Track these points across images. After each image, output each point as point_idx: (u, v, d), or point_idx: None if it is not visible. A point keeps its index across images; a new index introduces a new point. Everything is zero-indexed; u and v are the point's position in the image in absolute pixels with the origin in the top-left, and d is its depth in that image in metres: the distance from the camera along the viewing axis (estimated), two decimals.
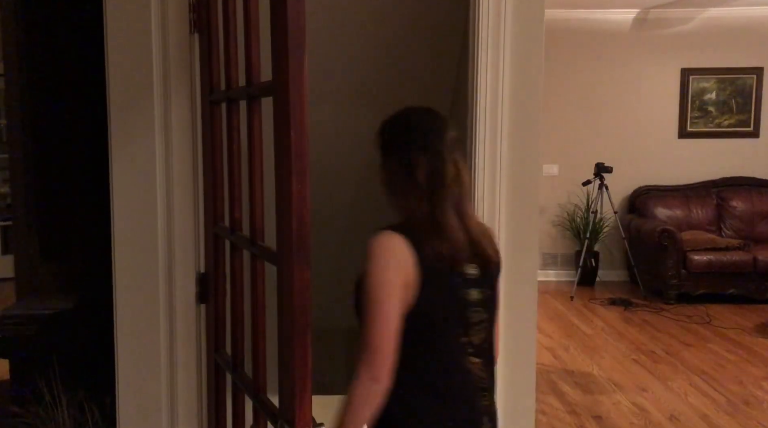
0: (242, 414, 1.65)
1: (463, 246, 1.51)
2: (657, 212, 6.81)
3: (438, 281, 1.48)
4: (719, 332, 5.41)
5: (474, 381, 1.54)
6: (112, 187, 1.82)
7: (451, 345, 1.52)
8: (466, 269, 1.53)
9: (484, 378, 1.55)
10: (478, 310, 1.54)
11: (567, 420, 3.77)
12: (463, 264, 1.52)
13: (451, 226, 1.50)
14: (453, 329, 1.52)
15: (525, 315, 1.93)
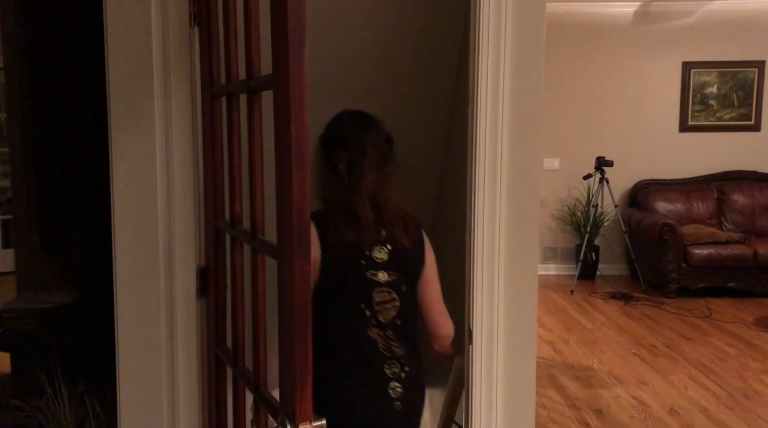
0: (243, 408, 1.65)
1: (371, 233, 1.72)
2: (658, 206, 6.81)
3: (340, 262, 1.70)
4: (719, 326, 5.41)
5: (380, 350, 1.77)
6: (112, 180, 1.82)
7: (354, 319, 1.74)
8: (374, 253, 1.75)
9: (392, 348, 1.79)
10: (384, 290, 1.77)
11: (567, 414, 3.78)
12: (371, 248, 1.73)
13: (362, 216, 1.71)
14: (355, 305, 1.74)
15: (525, 309, 1.93)
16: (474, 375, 1.93)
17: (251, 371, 1.51)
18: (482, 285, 1.91)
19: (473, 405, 1.94)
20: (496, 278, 1.91)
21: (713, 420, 3.69)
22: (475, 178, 1.89)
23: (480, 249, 1.90)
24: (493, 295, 1.91)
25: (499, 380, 1.93)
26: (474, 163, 1.89)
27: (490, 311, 1.91)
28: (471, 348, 1.94)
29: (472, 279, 1.92)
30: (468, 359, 1.97)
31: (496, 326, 1.92)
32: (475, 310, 1.92)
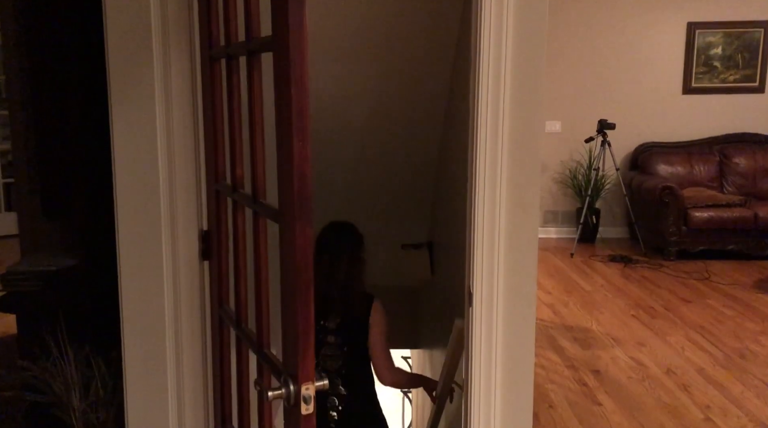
0: (246, 368, 1.68)
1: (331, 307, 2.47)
2: (659, 169, 6.79)
3: None
4: (718, 288, 5.46)
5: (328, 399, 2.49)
6: (113, 144, 1.81)
7: None
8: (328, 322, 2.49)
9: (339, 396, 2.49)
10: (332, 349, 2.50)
11: (565, 374, 3.84)
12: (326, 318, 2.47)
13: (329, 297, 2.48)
14: None
15: (525, 272, 1.94)
16: (474, 336, 1.95)
17: (254, 332, 1.53)
18: (483, 248, 1.92)
19: (473, 366, 1.97)
20: (497, 241, 1.92)
21: (709, 379, 3.75)
22: (476, 140, 1.89)
23: (481, 213, 1.90)
24: (493, 258, 1.92)
25: (498, 341, 1.96)
26: (475, 126, 1.89)
27: (490, 274, 1.93)
28: (471, 310, 1.96)
29: (472, 241, 1.93)
30: (468, 321, 1.99)
31: (496, 288, 1.93)
32: (475, 273, 1.93)
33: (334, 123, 3.77)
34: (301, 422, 1.22)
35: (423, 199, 4.37)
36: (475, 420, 1.98)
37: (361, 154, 4.04)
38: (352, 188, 4.30)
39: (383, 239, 4.69)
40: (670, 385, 3.68)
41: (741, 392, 3.59)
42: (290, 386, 1.23)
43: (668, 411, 3.38)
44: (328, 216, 4.44)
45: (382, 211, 4.48)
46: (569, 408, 3.41)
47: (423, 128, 3.82)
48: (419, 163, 4.09)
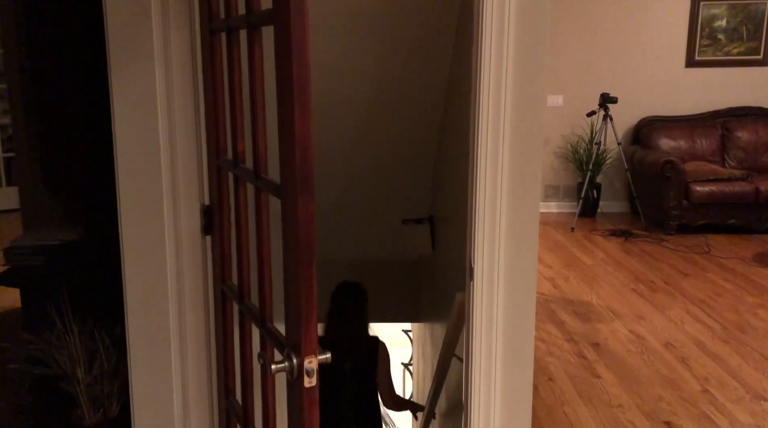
0: (249, 341, 1.69)
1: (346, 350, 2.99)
2: (661, 143, 6.77)
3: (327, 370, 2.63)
4: (718, 262, 5.48)
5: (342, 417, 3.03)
6: (113, 119, 1.81)
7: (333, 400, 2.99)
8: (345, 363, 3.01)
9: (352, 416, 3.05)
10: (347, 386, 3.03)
11: (565, 347, 3.87)
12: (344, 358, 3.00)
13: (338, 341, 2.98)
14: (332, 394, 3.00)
15: (526, 246, 1.95)
16: (474, 310, 1.97)
17: (257, 306, 1.54)
18: (484, 222, 1.92)
19: (473, 340, 1.98)
20: (498, 215, 1.92)
21: (708, 352, 3.78)
22: (478, 114, 1.88)
23: (482, 187, 1.90)
24: (494, 232, 1.93)
25: (499, 315, 1.97)
26: (477, 100, 1.88)
27: (491, 248, 1.93)
28: (472, 284, 1.97)
29: (474, 216, 1.93)
30: (469, 295, 2.00)
31: (496, 263, 1.94)
32: (476, 247, 1.94)
33: (336, 97, 3.75)
34: (304, 395, 1.24)
35: (424, 174, 4.37)
36: (476, 393, 2.00)
37: (362, 128, 4.02)
38: (353, 163, 4.29)
39: (384, 214, 4.69)
40: (669, 358, 3.71)
41: (739, 365, 3.62)
42: (293, 359, 1.24)
43: (666, 383, 3.41)
44: (329, 192, 4.45)
45: (383, 185, 4.48)
46: (569, 381, 3.45)
47: (424, 102, 3.80)
48: (421, 138, 4.07)
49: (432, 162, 4.26)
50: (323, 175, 4.17)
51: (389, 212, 4.64)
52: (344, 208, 4.62)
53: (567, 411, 3.15)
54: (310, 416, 1.25)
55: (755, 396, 3.28)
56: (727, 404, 3.20)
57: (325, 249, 4.85)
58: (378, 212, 4.70)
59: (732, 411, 3.14)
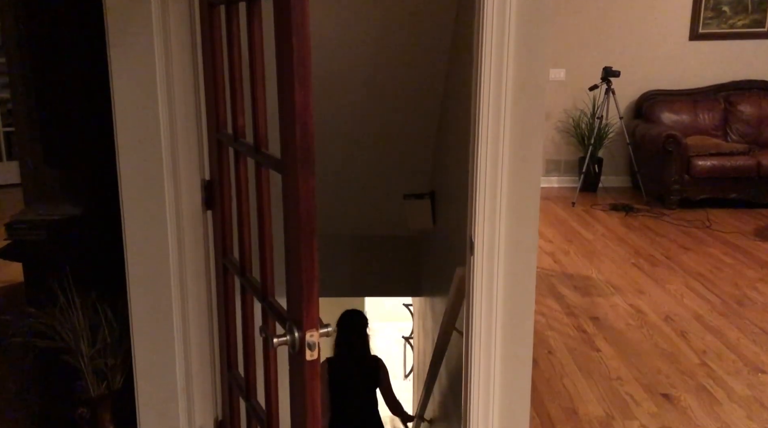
0: (251, 315, 1.71)
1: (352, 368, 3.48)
2: (663, 117, 6.73)
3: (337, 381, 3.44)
4: (718, 236, 5.48)
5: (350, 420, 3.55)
6: (113, 92, 1.80)
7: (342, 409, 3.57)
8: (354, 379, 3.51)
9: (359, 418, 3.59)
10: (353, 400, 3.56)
11: (565, 321, 3.89)
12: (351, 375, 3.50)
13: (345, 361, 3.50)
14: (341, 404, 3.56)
15: (527, 221, 1.95)
16: (474, 285, 1.98)
17: (258, 280, 1.55)
18: (485, 197, 1.92)
19: (473, 314, 2.00)
20: (499, 190, 1.92)
21: (707, 326, 3.81)
22: (480, 88, 1.87)
23: (483, 161, 1.90)
24: (495, 207, 1.93)
25: (499, 289, 1.98)
26: (479, 73, 1.86)
27: (492, 222, 1.94)
28: (472, 259, 1.98)
29: (474, 190, 1.93)
30: (469, 270, 2.01)
31: (497, 237, 1.95)
32: (476, 222, 1.94)
33: (336, 71, 3.72)
34: (306, 367, 1.25)
35: (425, 149, 4.36)
36: (476, 366, 2.02)
37: (362, 102, 4.00)
38: (354, 138, 4.28)
39: (386, 189, 4.69)
40: (668, 332, 3.74)
41: (737, 338, 3.65)
42: (295, 333, 1.25)
43: (665, 357, 3.44)
44: (330, 166, 4.44)
45: (384, 160, 4.47)
46: (568, 354, 3.48)
47: (426, 76, 3.78)
48: (422, 112, 4.05)
49: (433, 136, 4.25)
50: (324, 149, 4.16)
51: (390, 187, 4.63)
52: (345, 183, 4.61)
53: (566, 384, 3.18)
54: (312, 388, 1.26)
55: (753, 369, 3.31)
56: (724, 376, 3.23)
57: (327, 223, 4.86)
58: (379, 187, 4.70)
59: (729, 383, 3.17)
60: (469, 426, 2.06)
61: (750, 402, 3.01)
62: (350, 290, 5.60)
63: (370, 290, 5.85)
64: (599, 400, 3.03)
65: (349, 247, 5.35)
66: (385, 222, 5.04)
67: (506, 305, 2.00)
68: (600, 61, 6.67)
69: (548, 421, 2.86)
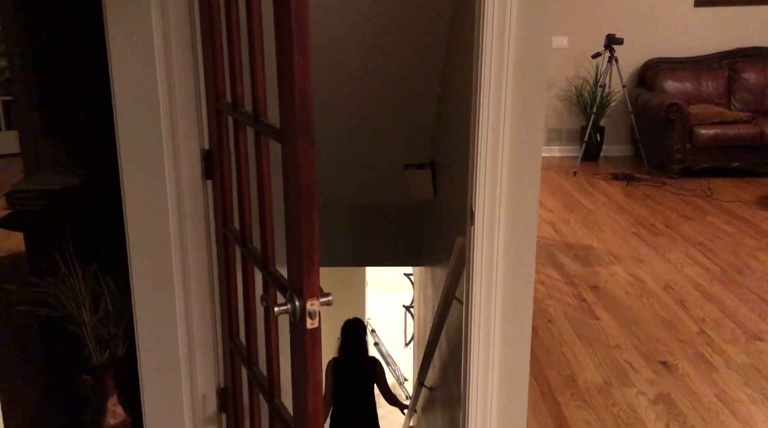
0: (252, 285, 1.72)
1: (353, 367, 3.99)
2: (666, 85, 6.68)
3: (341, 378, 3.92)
4: (719, 205, 5.48)
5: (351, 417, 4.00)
6: (111, 61, 1.78)
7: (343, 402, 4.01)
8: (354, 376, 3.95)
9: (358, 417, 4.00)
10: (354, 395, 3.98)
11: (564, 290, 3.92)
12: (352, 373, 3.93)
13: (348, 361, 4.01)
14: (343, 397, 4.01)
15: (528, 191, 1.95)
16: (475, 254, 1.98)
17: (259, 250, 1.55)
18: (485, 166, 1.91)
19: (473, 283, 2.01)
20: (500, 159, 1.91)
21: (706, 294, 3.83)
22: (481, 56, 1.85)
23: (484, 131, 1.89)
24: (496, 177, 1.92)
25: (499, 259, 1.99)
26: (480, 41, 1.84)
27: (493, 192, 1.93)
28: (473, 229, 1.98)
29: (475, 160, 1.93)
30: (469, 239, 2.01)
31: (498, 207, 1.95)
32: (477, 191, 1.94)
33: (335, 38, 3.68)
34: (307, 336, 1.26)
35: (426, 118, 4.33)
36: (475, 334, 2.04)
37: (363, 70, 3.96)
38: (354, 106, 4.25)
39: (386, 158, 4.68)
40: (667, 300, 3.76)
41: (736, 306, 3.67)
42: (296, 302, 1.26)
43: (664, 325, 3.47)
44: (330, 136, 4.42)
45: (384, 130, 4.44)
46: (567, 323, 3.50)
47: (426, 44, 3.74)
48: (422, 82, 4.02)
49: (434, 105, 4.22)
50: (324, 118, 4.14)
51: (391, 157, 4.62)
52: (345, 153, 4.60)
53: (565, 352, 3.21)
54: (313, 356, 1.28)
55: (751, 337, 3.33)
56: (722, 344, 3.26)
57: (327, 193, 4.85)
58: (380, 157, 4.68)
59: (727, 351, 3.20)
60: (469, 394, 2.09)
61: (747, 369, 3.04)
62: (351, 260, 5.62)
63: (370, 260, 5.87)
64: (598, 368, 3.06)
65: (349, 217, 5.36)
66: (385, 192, 5.04)
67: (506, 274, 2.01)
68: (603, 29, 6.59)
69: (547, 388, 2.90)
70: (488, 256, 1.98)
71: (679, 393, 2.85)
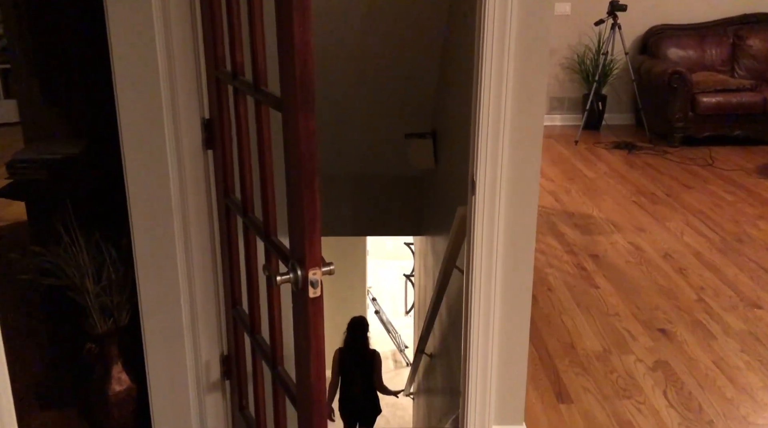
0: (254, 254, 1.73)
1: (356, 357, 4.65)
2: (669, 53, 6.61)
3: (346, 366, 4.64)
4: (720, 173, 5.47)
5: (355, 399, 4.69)
6: (109, 30, 1.76)
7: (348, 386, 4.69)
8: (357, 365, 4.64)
9: (361, 399, 4.69)
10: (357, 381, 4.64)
11: (564, 259, 3.93)
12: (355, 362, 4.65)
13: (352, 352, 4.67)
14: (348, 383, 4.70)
15: (529, 160, 1.94)
16: (476, 224, 1.99)
17: (261, 220, 1.56)
18: (487, 136, 1.91)
19: (474, 252, 2.01)
20: (502, 129, 1.91)
21: (705, 263, 3.84)
22: (483, 22, 1.83)
23: (486, 100, 1.88)
24: (497, 146, 1.92)
25: (500, 228, 1.99)
26: (483, 8, 1.82)
27: (494, 162, 1.93)
28: (474, 198, 1.98)
29: (477, 129, 1.92)
30: (470, 209, 2.02)
31: (499, 176, 1.94)
32: (479, 161, 1.93)
33: (336, 7, 3.64)
34: (309, 304, 1.27)
35: (427, 87, 4.30)
36: (476, 303, 2.05)
37: (363, 39, 3.92)
38: (355, 75, 4.21)
39: (387, 128, 4.65)
40: (667, 269, 3.78)
41: (735, 274, 3.69)
42: (298, 271, 1.27)
43: (663, 293, 3.49)
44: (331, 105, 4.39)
45: (385, 100, 4.42)
46: (567, 291, 3.53)
47: (428, 12, 3.69)
48: (423, 50, 3.98)
49: (435, 73, 4.18)
50: (324, 87, 4.11)
51: (392, 126, 4.60)
52: (346, 122, 4.58)
53: (564, 320, 3.24)
54: (316, 324, 1.29)
55: (749, 304, 3.36)
56: (720, 312, 3.28)
57: (328, 163, 4.84)
58: (380, 126, 4.66)
59: (725, 318, 3.22)
60: (469, 361, 2.11)
61: (744, 336, 3.07)
62: (352, 229, 5.63)
63: (371, 229, 5.89)
64: (597, 335, 3.09)
65: (350, 187, 5.35)
66: (386, 161, 5.03)
67: (507, 243, 2.02)
68: None
69: (546, 355, 2.93)
70: (489, 226, 1.98)
71: (677, 360, 2.88)
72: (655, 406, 2.57)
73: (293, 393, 1.47)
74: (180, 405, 2.05)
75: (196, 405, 2.06)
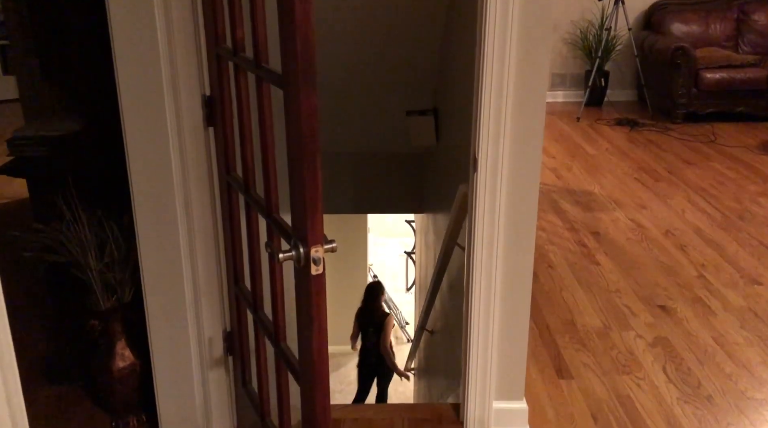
0: (256, 232, 1.73)
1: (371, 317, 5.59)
2: (673, 28, 6.55)
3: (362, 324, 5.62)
4: (723, 150, 5.46)
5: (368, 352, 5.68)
6: (109, 6, 1.74)
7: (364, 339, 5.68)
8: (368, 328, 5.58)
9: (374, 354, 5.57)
10: (370, 338, 5.57)
11: (566, 236, 3.94)
12: (370, 321, 5.58)
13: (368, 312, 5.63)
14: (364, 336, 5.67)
15: (531, 138, 1.94)
16: (477, 201, 1.99)
17: (262, 197, 1.56)
18: (489, 113, 1.90)
19: (476, 230, 2.02)
20: (504, 106, 1.90)
21: (706, 240, 3.85)
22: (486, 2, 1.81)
23: (489, 76, 1.87)
24: (499, 123, 1.91)
25: (501, 205, 1.99)
26: None
27: (496, 139, 1.92)
28: (476, 176, 1.98)
29: (479, 107, 1.91)
30: (472, 187, 2.01)
31: (501, 154, 1.94)
32: (481, 138, 1.93)
33: None
34: (311, 281, 1.28)
35: (429, 64, 4.27)
36: (477, 280, 2.06)
37: (364, 15, 3.89)
38: (356, 52, 4.18)
39: (388, 105, 4.63)
40: (668, 245, 3.79)
41: (736, 251, 3.70)
42: (300, 249, 1.27)
43: (664, 270, 3.50)
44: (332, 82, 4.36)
45: (386, 76, 4.39)
46: (568, 268, 3.54)
47: None
48: (425, 26, 3.94)
49: (437, 50, 4.15)
50: (325, 64, 4.08)
51: (393, 103, 4.57)
52: (348, 99, 4.55)
53: (565, 296, 3.25)
54: (318, 302, 1.30)
55: (749, 281, 3.37)
56: (721, 288, 3.30)
57: (329, 140, 4.83)
58: (382, 103, 4.64)
59: (726, 294, 3.24)
60: (470, 337, 2.13)
61: (744, 312, 3.09)
62: (353, 207, 5.64)
63: (373, 207, 5.89)
64: (597, 312, 3.11)
65: (352, 165, 5.34)
66: (388, 139, 5.01)
67: (508, 221, 2.02)
68: None
69: (546, 332, 2.95)
70: (491, 203, 1.98)
71: (677, 336, 2.90)
72: (654, 382, 2.59)
73: (296, 369, 1.48)
74: (183, 381, 2.07)
75: (200, 381, 2.08)
